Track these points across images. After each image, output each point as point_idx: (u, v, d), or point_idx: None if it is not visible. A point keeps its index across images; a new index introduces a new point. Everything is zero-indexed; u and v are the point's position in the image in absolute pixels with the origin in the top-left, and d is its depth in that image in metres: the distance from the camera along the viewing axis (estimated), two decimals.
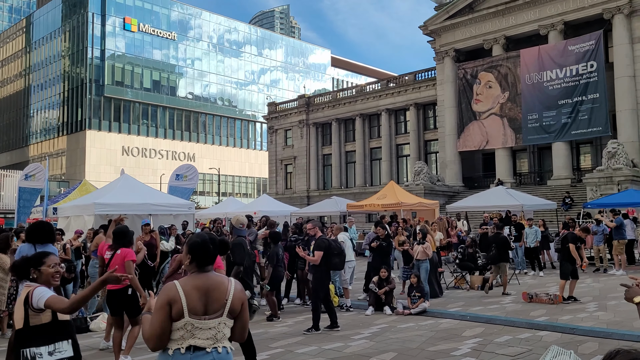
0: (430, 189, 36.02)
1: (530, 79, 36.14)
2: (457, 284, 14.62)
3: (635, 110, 32.47)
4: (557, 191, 32.75)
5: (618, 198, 22.01)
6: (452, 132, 40.31)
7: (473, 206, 24.75)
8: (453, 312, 10.80)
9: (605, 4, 33.24)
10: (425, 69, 46.88)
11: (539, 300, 11.72)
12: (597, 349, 7.69)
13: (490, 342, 8.30)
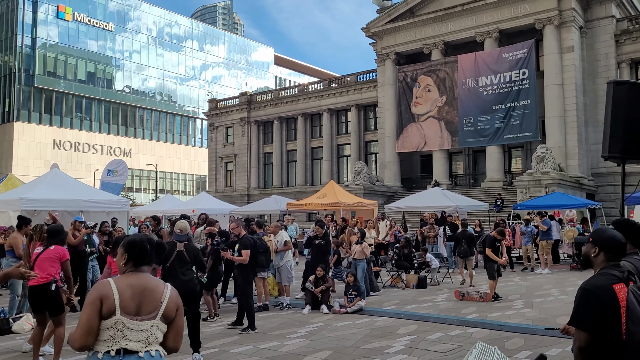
0: (370, 189, 36.57)
1: (466, 84, 37.32)
2: (393, 282, 14.88)
3: (562, 117, 34.16)
4: (490, 193, 33.96)
5: (545, 200, 23.07)
6: (392, 134, 41.06)
7: (410, 206, 25.32)
8: (388, 310, 10.98)
9: (537, 15, 34.78)
10: (367, 71, 47.53)
11: (470, 298, 12.11)
12: (523, 344, 8.01)
13: (423, 339, 8.49)
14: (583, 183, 32.77)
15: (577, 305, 3.08)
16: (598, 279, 3.11)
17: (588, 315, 2.99)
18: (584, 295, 3.07)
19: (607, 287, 3.03)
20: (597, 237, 3.29)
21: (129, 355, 3.06)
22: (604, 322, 2.99)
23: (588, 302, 3.01)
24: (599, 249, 3.24)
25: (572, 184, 30.94)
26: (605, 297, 2.99)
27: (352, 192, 31.92)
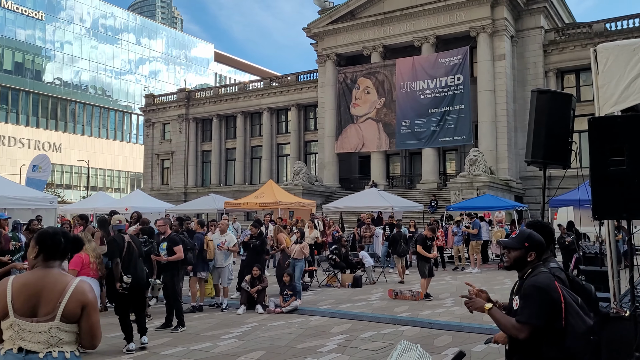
0: (309, 189, 36.71)
1: (404, 87, 38.17)
2: (329, 282, 15.01)
3: (494, 122, 35.54)
4: (425, 194, 34.87)
5: (476, 202, 23.93)
6: (331, 134, 41.41)
7: (348, 206, 25.60)
8: (323, 309, 11.07)
9: (471, 23, 36.03)
10: (308, 71, 47.71)
11: (403, 297, 12.39)
12: (451, 341, 8.29)
13: (356, 337, 8.62)
14: (512, 186, 34.24)
15: (530, 302, 3.24)
16: (544, 277, 3.30)
17: (541, 312, 3.20)
18: (538, 292, 3.23)
19: (553, 285, 3.26)
20: (532, 241, 3.47)
21: (30, 355, 2.94)
22: (552, 316, 3.22)
23: (541, 299, 3.21)
24: (534, 252, 3.42)
25: (501, 186, 32.26)
26: (554, 295, 3.22)
27: (291, 191, 31.94)
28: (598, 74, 5.56)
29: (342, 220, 25.94)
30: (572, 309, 3.20)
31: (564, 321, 3.18)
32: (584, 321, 3.19)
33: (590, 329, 3.20)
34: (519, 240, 3.52)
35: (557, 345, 3.17)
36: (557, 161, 6.22)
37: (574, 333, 3.15)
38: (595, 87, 5.65)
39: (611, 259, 5.41)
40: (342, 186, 41.37)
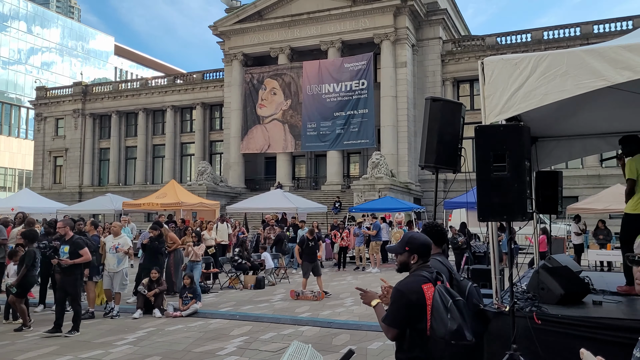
0: (213, 190, 36.09)
1: (310, 90, 38.60)
2: (232, 283, 14.84)
3: (395, 127, 36.89)
4: (329, 195, 35.47)
5: (378, 204, 24.72)
6: (237, 134, 40.99)
7: (252, 207, 25.46)
8: (224, 312, 10.92)
9: (375, 30, 37.17)
10: (214, 70, 46.94)
11: (304, 297, 12.52)
12: (349, 340, 8.49)
13: (256, 339, 8.59)
14: (411, 188, 35.70)
15: (390, 304, 3.37)
16: (409, 280, 3.44)
17: (398, 314, 3.34)
18: (396, 295, 3.36)
19: (416, 288, 3.37)
20: (412, 245, 3.60)
21: None
22: (412, 319, 3.35)
23: (398, 302, 3.32)
24: (416, 255, 3.55)
25: (402, 189, 33.54)
26: (413, 297, 3.34)
27: (195, 192, 31.25)
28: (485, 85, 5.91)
29: (247, 222, 25.74)
30: (436, 313, 3.33)
31: (429, 323, 3.32)
32: (444, 325, 3.30)
33: (451, 333, 3.29)
34: (400, 245, 3.64)
35: (420, 346, 3.32)
36: (447, 166, 6.56)
37: (434, 336, 3.31)
38: (482, 97, 6.00)
39: (494, 258, 5.78)
40: (248, 187, 41.08)
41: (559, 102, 5.90)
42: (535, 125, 8.29)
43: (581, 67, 5.21)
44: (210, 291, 13.93)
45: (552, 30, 36.89)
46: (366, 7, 37.11)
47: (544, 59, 5.47)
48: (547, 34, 36.90)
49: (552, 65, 5.39)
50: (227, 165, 41.97)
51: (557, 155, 9.83)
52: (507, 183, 5.11)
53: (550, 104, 5.78)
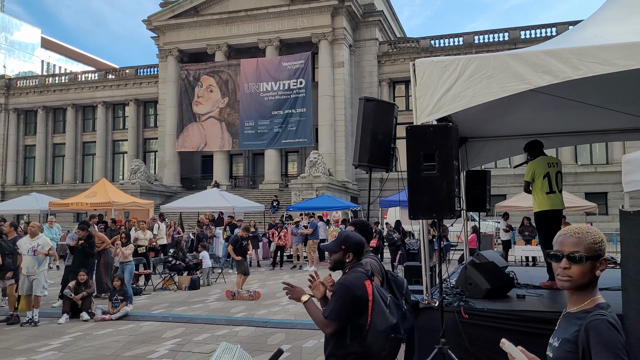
0: (147, 189, 35.14)
1: (248, 88, 38.28)
2: (165, 285, 14.48)
3: (333, 126, 37.20)
4: (267, 194, 35.32)
5: (315, 202, 24.86)
6: (172, 132, 40.06)
7: (188, 207, 24.96)
8: (156, 314, 10.64)
9: (313, 29, 37.32)
10: (148, 65, 45.67)
11: (240, 297, 12.39)
12: (284, 339, 8.47)
13: (189, 341, 8.42)
14: (348, 187, 36.11)
15: (335, 299, 3.38)
16: (353, 277, 3.48)
17: (343, 309, 3.36)
18: (341, 290, 3.38)
19: (360, 284, 3.43)
20: (347, 244, 3.63)
21: None
22: (355, 314, 3.39)
23: (344, 297, 3.35)
24: (352, 253, 3.58)
25: (339, 187, 33.87)
26: (358, 293, 3.39)
27: (128, 191, 30.30)
28: (416, 86, 6.04)
29: (182, 221, 25.20)
30: (378, 307, 3.42)
31: (369, 318, 3.39)
32: (386, 319, 3.41)
33: (391, 327, 3.42)
34: (336, 243, 3.68)
35: (359, 341, 3.38)
36: (381, 165, 6.67)
37: (375, 330, 3.38)
38: (414, 98, 6.13)
39: (424, 254, 5.92)
40: (184, 186, 40.27)
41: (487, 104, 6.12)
42: (465, 126, 8.58)
43: (506, 71, 5.42)
44: (143, 293, 13.54)
45: (483, 35, 38.34)
46: (304, 7, 37.18)
47: (472, 62, 5.65)
48: (478, 38, 38.31)
49: (479, 68, 5.57)
50: (162, 164, 40.94)
51: (485, 155, 10.21)
52: (436, 182, 5.25)
53: (479, 106, 5.98)
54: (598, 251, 2.05)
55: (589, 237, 2.06)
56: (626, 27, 5.55)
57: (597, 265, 2.06)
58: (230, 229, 20.07)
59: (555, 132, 9.55)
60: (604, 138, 11.40)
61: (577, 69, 5.01)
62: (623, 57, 4.82)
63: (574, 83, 5.53)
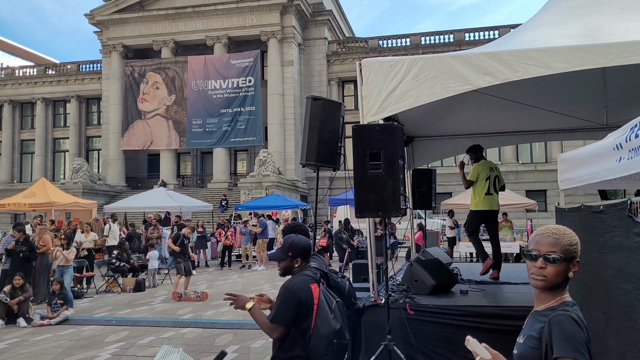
0: (90, 188, 34.01)
1: (196, 86, 37.63)
2: (109, 287, 14.05)
3: (282, 125, 37.10)
4: (215, 193, 34.86)
5: (264, 201, 24.71)
6: (117, 130, 38.93)
7: (133, 207, 24.33)
8: (98, 317, 10.30)
9: (262, 27, 37.08)
10: (91, 61, 44.21)
11: (187, 298, 12.17)
12: (232, 339, 8.37)
13: (134, 344, 8.19)
14: (298, 186, 36.10)
15: (279, 302, 3.34)
16: (298, 280, 3.43)
17: (287, 313, 3.31)
18: (286, 294, 3.33)
19: (305, 288, 3.39)
20: (294, 250, 3.58)
21: None
22: (299, 318, 3.35)
23: (288, 301, 3.30)
24: (299, 259, 3.55)
25: (289, 186, 33.81)
26: (303, 296, 3.34)
27: (69, 191, 29.26)
28: (362, 86, 6.10)
29: (127, 221, 24.53)
30: (322, 312, 3.41)
31: (313, 322, 3.38)
32: (329, 325, 3.41)
33: (334, 333, 3.42)
34: (283, 250, 3.61)
35: (302, 345, 3.36)
36: (328, 164, 6.68)
37: (317, 335, 3.37)
38: (360, 97, 6.18)
39: (371, 252, 5.98)
40: (129, 185, 39.21)
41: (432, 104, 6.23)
42: (412, 126, 8.73)
43: (449, 72, 5.53)
44: (85, 296, 13.09)
45: (429, 36, 39.13)
46: (253, 4, 36.88)
47: (416, 62, 5.75)
48: (424, 39, 39.07)
49: (424, 68, 5.67)
50: (106, 163, 39.72)
51: (431, 154, 10.43)
52: (382, 180, 5.30)
53: (424, 106, 6.08)
54: (573, 253, 2.07)
55: (565, 239, 2.08)
56: (561, 31, 5.77)
57: (570, 267, 2.07)
58: (178, 229, 19.67)
59: (498, 131, 9.85)
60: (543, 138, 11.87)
61: (516, 71, 5.17)
62: (559, 60, 5.01)
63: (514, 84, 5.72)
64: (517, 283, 7.24)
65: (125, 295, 13.35)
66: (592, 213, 3.80)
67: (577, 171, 4.50)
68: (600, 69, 5.95)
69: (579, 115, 8.06)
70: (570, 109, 7.99)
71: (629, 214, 3.07)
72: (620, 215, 3.20)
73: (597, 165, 3.90)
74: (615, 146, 3.48)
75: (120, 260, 14.49)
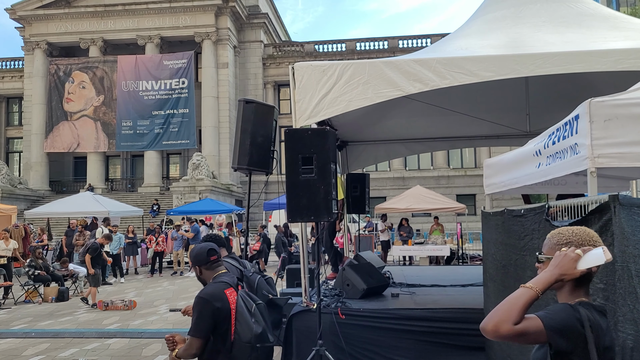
0: (10, 192, 32.11)
1: (126, 86, 36.43)
2: (29, 297, 13.27)
3: (217, 128, 36.56)
4: (147, 198, 33.83)
5: (198, 206, 24.20)
6: (40, 131, 37.04)
7: (57, 212, 23.13)
8: (16, 330, 9.68)
9: (196, 28, 36.43)
10: (12, 58, 41.86)
11: (114, 307, 11.68)
12: (160, 349, 8.08)
13: (54, 357, 7.74)
14: (233, 190, 35.65)
15: (195, 315, 3.21)
16: (212, 288, 3.32)
17: (204, 324, 3.20)
18: (200, 304, 3.21)
19: (219, 295, 3.27)
20: (192, 259, 3.48)
21: None
22: (217, 326, 3.24)
23: (202, 311, 3.18)
24: (197, 266, 3.45)
25: (223, 190, 33.31)
26: (217, 304, 3.23)
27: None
28: (295, 89, 6.06)
29: (50, 228, 23.32)
30: (241, 317, 3.33)
31: (233, 328, 3.29)
32: (250, 330, 3.34)
33: (256, 337, 3.35)
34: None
35: (224, 353, 3.27)
36: (260, 168, 6.60)
37: (239, 341, 3.29)
38: (293, 101, 6.14)
39: (303, 257, 5.95)
40: (53, 189, 37.40)
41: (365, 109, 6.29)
42: (346, 130, 8.80)
43: (380, 78, 5.60)
44: (2, 307, 12.29)
45: (364, 42, 39.79)
46: (186, 4, 36.18)
47: (349, 67, 5.78)
48: (359, 45, 39.68)
49: (356, 74, 5.71)
50: (28, 165, 37.67)
51: (365, 159, 10.55)
52: (314, 185, 5.28)
53: (358, 111, 6.13)
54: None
55: (554, 239, 1.97)
56: (487, 41, 5.98)
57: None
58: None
59: (428, 137, 10.10)
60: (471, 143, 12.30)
61: (444, 78, 5.30)
62: (484, 69, 5.18)
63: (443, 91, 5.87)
64: (446, 285, 7.42)
65: (47, 305, 12.65)
66: (513, 217, 3.92)
67: (501, 176, 4.65)
68: (523, 78, 6.22)
69: (504, 122, 8.39)
70: (495, 116, 8.31)
71: (546, 218, 3.19)
72: (539, 219, 3.32)
73: (519, 170, 4.04)
74: (535, 152, 3.61)
75: (35, 268, 13.62)
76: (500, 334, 1.75)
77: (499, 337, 1.77)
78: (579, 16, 6.14)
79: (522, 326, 1.75)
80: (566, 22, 6.04)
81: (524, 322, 1.75)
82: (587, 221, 2.60)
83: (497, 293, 4.39)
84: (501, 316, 1.76)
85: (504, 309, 1.77)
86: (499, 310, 1.79)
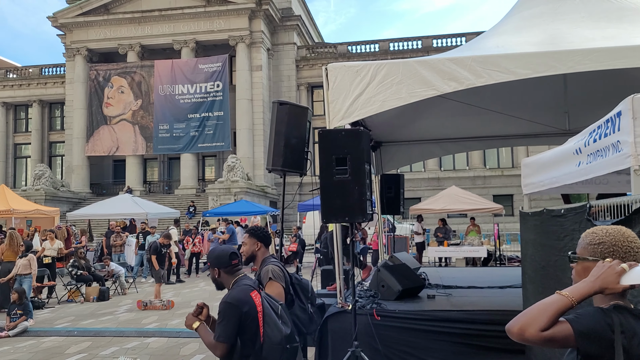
0: (53, 195, 33.16)
1: (163, 90, 37.14)
2: (71, 297, 13.66)
3: (251, 130, 36.90)
4: (183, 200, 34.39)
5: (233, 207, 24.47)
6: (81, 135, 38.10)
7: (97, 214, 23.76)
8: (59, 328, 9.98)
9: (231, 32, 36.87)
10: (54, 64, 43.21)
11: (153, 307, 11.91)
12: (198, 348, 8.20)
13: (95, 356, 7.95)
14: (267, 192, 35.92)
15: (221, 319, 3.19)
16: (237, 291, 3.28)
17: (230, 329, 3.16)
18: (226, 309, 3.18)
19: (245, 298, 3.24)
20: (211, 260, 3.44)
21: None
22: (245, 330, 3.21)
23: (229, 316, 3.16)
24: (217, 268, 3.39)
25: (258, 192, 33.59)
26: (244, 308, 3.20)
27: (31, 198, 28.53)
28: (329, 90, 6.06)
29: (91, 229, 23.97)
30: (269, 319, 3.30)
31: (262, 330, 3.27)
32: (280, 331, 3.31)
33: (286, 338, 3.32)
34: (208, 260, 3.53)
35: (254, 356, 3.27)
36: (294, 169, 6.62)
37: (270, 343, 3.26)
38: (327, 102, 6.15)
39: (338, 259, 5.94)
40: (94, 192, 38.39)
41: (399, 109, 6.24)
42: (380, 131, 8.75)
43: (414, 77, 5.54)
44: (46, 306, 12.69)
45: (398, 42, 39.53)
46: (221, 8, 36.66)
47: (382, 67, 5.75)
48: (393, 45, 39.44)
49: (389, 74, 5.67)
50: (70, 169, 38.81)
51: (399, 159, 10.45)
52: (348, 185, 5.27)
53: (391, 111, 6.09)
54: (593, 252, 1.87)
55: (587, 238, 1.92)
56: (524, 38, 5.86)
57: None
58: (143, 237, 19.30)
59: (463, 137, 9.94)
60: (508, 143, 12.06)
61: (480, 77, 5.21)
62: (521, 66, 5.07)
63: (479, 90, 5.77)
64: (483, 287, 7.30)
65: (89, 305, 13.00)
66: (553, 217, 3.83)
67: (540, 176, 4.55)
68: (561, 75, 6.07)
69: (542, 121, 8.20)
70: (532, 114, 8.13)
71: (588, 217, 3.10)
72: (580, 219, 3.23)
73: (558, 169, 3.95)
74: (575, 151, 3.52)
75: (78, 269, 14.02)
76: (525, 337, 1.72)
77: (524, 341, 1.74)
78: (621, 11, 5.96)
79: (549, 332, 1.70)
80: (607, 18, 5.87)
81: (552, 328, 1.71)
82: (630, 221, 2.52)
83: (537, 295, 4.29)
84: (529, 320, 1.73)
85: (533, 313, 1.74)
86: (528, 314, 1.75)
